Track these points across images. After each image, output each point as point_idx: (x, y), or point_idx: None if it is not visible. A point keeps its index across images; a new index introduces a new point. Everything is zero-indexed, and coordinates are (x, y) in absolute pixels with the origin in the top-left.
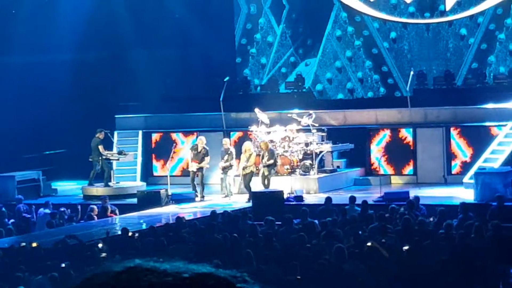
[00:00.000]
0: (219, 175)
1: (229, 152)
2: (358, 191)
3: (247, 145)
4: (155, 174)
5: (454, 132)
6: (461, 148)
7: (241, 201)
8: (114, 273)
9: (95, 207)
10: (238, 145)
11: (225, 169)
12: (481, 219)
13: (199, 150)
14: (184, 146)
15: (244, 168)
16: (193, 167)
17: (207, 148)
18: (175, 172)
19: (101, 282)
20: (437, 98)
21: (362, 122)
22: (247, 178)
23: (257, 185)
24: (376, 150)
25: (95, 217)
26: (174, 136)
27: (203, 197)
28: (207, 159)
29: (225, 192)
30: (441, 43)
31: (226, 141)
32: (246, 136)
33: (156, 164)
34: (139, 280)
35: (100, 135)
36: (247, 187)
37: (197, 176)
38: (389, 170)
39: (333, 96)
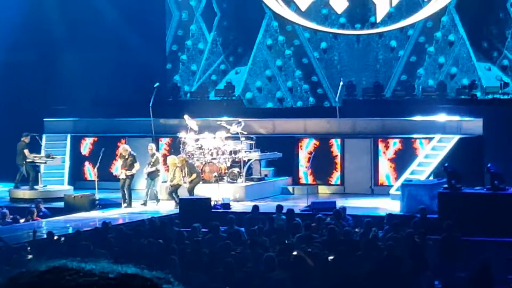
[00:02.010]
0: (144, 181)
1: (154, 157)
2: (285, 200)
3: (171, 159)
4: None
5: (381, 144)
6: (388, 160)
7: (168, 208)
8: (39, 273)
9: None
10: (170, 151)
11: (150, 175)
12: (406, 231)
13: (126, 157)
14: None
15: (171, 180)
16: (122, 174)
17: (134, 154)
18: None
19: (26, 281)
20: (366, 109)
21: (291, 131)
22: (173, 188)
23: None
24: (303, 159)
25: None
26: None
27: (130, 203)
28: (136, 165)
29: (146, 199)
30: (371, 54)
31: (151, 146)
32: (175, 142)
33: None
34: (64, 279)
35: (26, 139)
36: (171, 195)
37: (126, 183)
38: (316, 180)
39: (262, 105)
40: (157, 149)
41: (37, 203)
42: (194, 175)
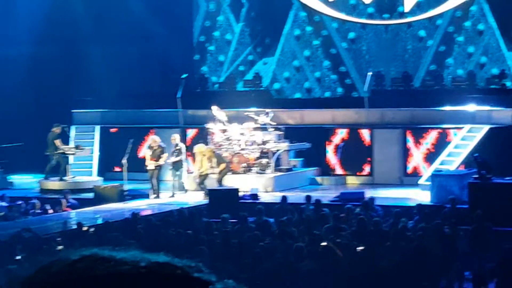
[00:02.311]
0: (170, 172)
1: (178, 147)
2: (314, 191)
3: (199, 147)
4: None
5: (411, 134)
6: (418, 150)
7: (197, 198)
8: (70, 261)
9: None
10: (194, 142)
11: (175, 165)
12: (436, 221)
13: (154, 148)
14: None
15: (200, 170)
16: (151, 165)
17: (164, 146)
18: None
19: (57, 270)
20: (395, 99)
21: (319, 121)
22: (201, 179)
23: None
24: (332, 150)
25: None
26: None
27: (158, 194)
28: (164, 156)
29: (173, 190)
30: (399, 44)
31: (175, 136)
32: (202, 134)
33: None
34: (96, 268)
35: (57, 130)
36: (200, 185)
37: (154, 173)
38: (346, 170)
39: (290, 95)
40: (182, 139)
41: (65, 193)
42: (223, 165)
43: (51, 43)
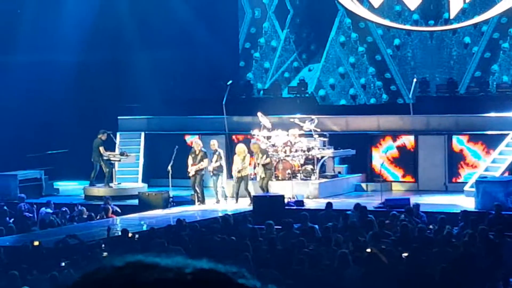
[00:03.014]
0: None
1: (217, 153)
2: (359, 197)
3: (240, 146)
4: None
5: (457, 140)
6: (464, 156)
7: (237, 205)
8: (115, 268)
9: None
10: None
11: (215, 171)
12: (481, 228)
13: (197, 153)
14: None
15: (239, 171)
16: (192, 171)
17: (205, 151)
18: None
19: (102, 276)
20: (440, 106)
21: (364, 128)
22: (244, 182)
23: (255, 189)
24: (379, 156)
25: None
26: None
27: (203, 200)
28: (205, 161)
29: (217, 197)
30: (444, 51)
31: (213, 142)
32: (247, 140)
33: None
34: (140, 275)
35: (102, 136)
36: (246, 190)
37: (197, 180)
38: (391, 176)
39: (335, 102)
40: (228, 146)
41: (106, 200)
42: (267, 160)
43: (97, 50)
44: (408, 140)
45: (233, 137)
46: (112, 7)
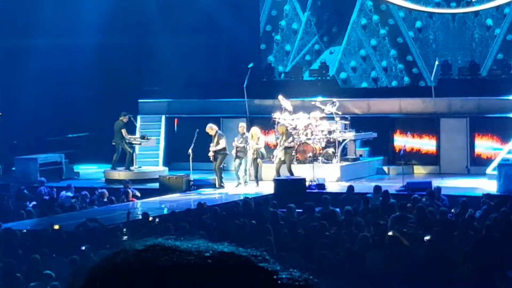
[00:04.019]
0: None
1: (244, 136)
2: (381, 180)
3: (255, 129)
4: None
5: (478, 123)
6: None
7: (258, 189)
8: (134, 251)
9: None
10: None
11: (239, 153)
12: (503, 211)
13: (213, 136)
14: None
15: (253, 153)
16: (211, 153)
17: (220, 132)
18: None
19: (122, 260)
20: (462, 89)
21: (386, 111)
22: (256, 166)
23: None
24: (401, 140)
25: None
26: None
27: (221, 183)
28: (221, 142)
29: (237, 180)
30: (466, 33)
31: (242, 125)
32: (269, 123)
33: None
34: (160, 258)
35: (124, 119)
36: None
37: (216, 162)
38: (412, 160)
39: (357, 85)
40: (248, 129)
41: (125, 183)
42: (292, 143)
43: (119, 33)
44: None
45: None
46: None
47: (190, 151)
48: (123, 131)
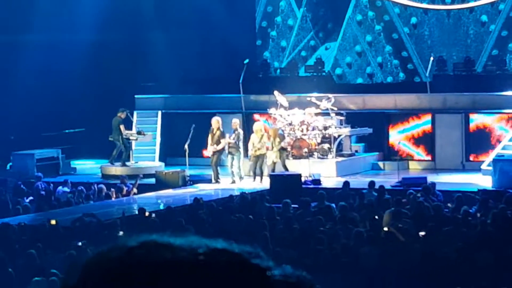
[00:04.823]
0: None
1: (236, 132)
2: (376, 176)
3: (258, 125)
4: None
5: (473, 118)
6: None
7: (254, 184)
8: (128, 248)
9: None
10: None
11: (231, 149)
12: (498, 206)
13: (214, 132)
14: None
15: (256, 150)
16: (210, 150)
17: (222, 130)
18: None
19: (115, 256)
20: (457, 84)
21: (381, 107)
22: (260, 160)
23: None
24: (398, 137)
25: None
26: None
27: (217, 179)
28: (223, 141)
29: (232, 176)
30: (461, 29)
31: (235, 121)
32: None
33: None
34: (153, 255)
35: (122, 115)
36: (260, 169)
37: (214, 159)
38: (407, 155)
39: (352, 81)
40: (245, 125)
41: (122, 178)
42: (284, 144)
43: (114, 29)
44: (425, 119)
45: (254, 115)
46: None
47: (186, 146)
48: (121, 127)
